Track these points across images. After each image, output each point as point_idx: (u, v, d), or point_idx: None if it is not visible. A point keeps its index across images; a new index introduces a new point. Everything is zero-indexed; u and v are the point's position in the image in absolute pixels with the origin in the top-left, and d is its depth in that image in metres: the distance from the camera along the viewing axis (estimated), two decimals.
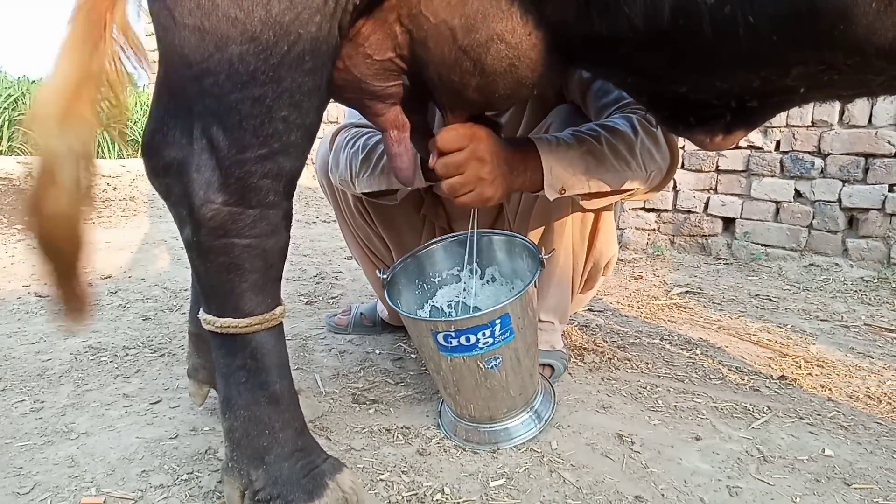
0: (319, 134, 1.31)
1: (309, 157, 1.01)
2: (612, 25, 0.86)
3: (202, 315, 0.99)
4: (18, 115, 7.33)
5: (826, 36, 0.75)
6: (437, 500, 1.13)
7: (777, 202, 3.23)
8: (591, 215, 1.54)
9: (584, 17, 0.88)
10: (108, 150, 7.35)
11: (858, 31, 0.72)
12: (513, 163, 1.23)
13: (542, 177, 1.26)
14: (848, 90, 0.91)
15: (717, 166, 3.40)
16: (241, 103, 0.86)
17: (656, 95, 1.05)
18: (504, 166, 1.22)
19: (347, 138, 1.56)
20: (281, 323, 1.03)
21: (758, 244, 3.30)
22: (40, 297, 2.38)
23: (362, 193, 1.53)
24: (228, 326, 0.96)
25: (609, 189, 1.32)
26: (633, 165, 1.29)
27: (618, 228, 3.69)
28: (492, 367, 1.26)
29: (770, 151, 3.23)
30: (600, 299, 2.54)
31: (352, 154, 1.51)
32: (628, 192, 1.37)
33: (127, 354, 1.82)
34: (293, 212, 1.04)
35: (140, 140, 0.99)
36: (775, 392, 1.64)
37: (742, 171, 3.33)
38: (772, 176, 3.23)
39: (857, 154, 2.98)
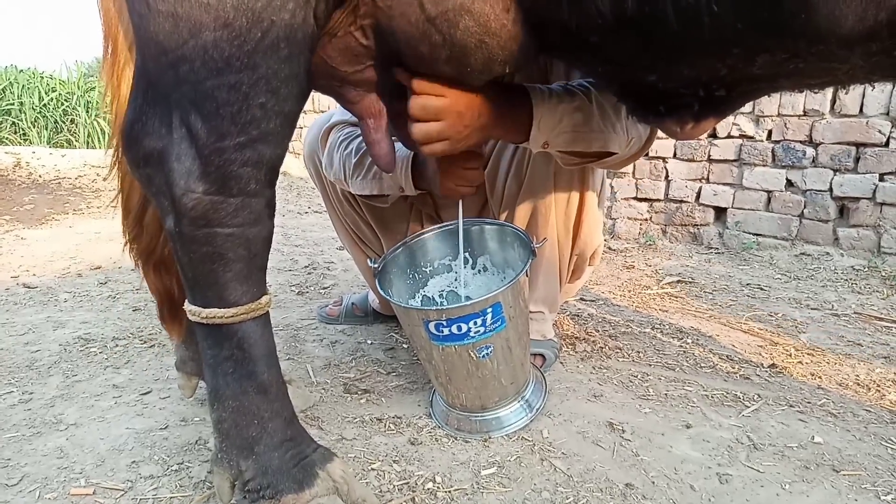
0: (305, 123, 1.29)
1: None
2: (581, 11, 0.86)
3: (187, 306, 0.99)
4: (7, 104, 7.25)
5: (789, 24, 0.76)
6: (428, 489, 1.13)
7: (768, 191, 3.23)
8: (574, 206, 1.53)
9: (552, 2, 0.88)
10: (99, 140, 7.29)
11: (820, 19, 0.73)
12: (495, 114, 1.18)
13: (529, 129, 1.22)
14: (815, 78, 0.91)
15: (709, 156, 3.39)
16: (217, 90, 0.85)
17: (626, 84, 1.05)
18: (485, 118, 1.16)
19: (340, 138, 1.55)
20: (267, 312, 1.02)
21: (749, 233, 3.30)
22: (29, 287, 2.37)
23: (356, 194, 1.53)
24: (214, 317, 0.95)
25: (590, 150, 1.29)
26: (618, 128, 1.27)
27: (609, 218, 3.70)
28: (483, 357, 1.26)
29: (762, 141, 3.23)
30: (591, 289, 2.55)
31: (345, 156, 1.52)
32: (606, 157, 1.33)
33: (117, 345, 1.81)
34: (285, 202, 1.04)
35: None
36: (766, 380, 1.64)
37: (734, 160, 3.32)
38: (763, 165, 3.23)
39: (848, 143, 2.98)
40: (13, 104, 7.24)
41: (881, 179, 2.91)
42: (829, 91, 3.00)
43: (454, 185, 1.40)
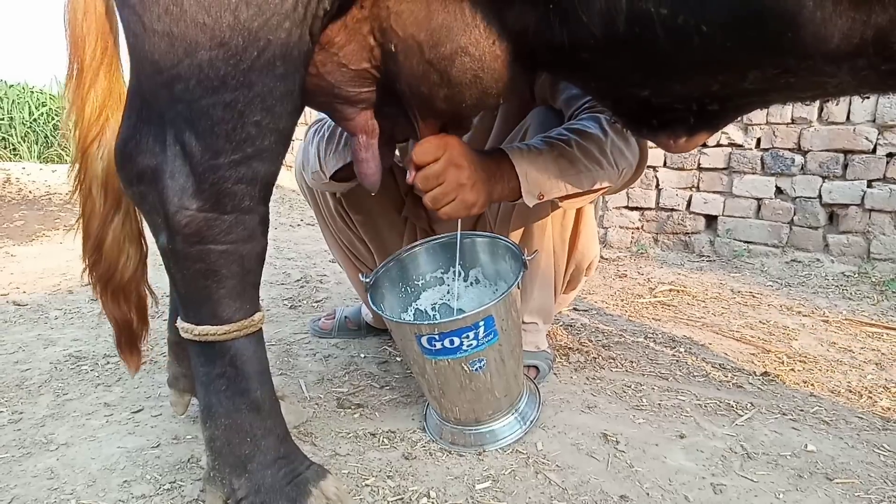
0: (297, 136, 1.29)
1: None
2: (573, 33, 0.88)
3: (180, 323, 0.98)
4: None
5: (776, 42, 0.77)
6: None
7: (758, 199, 3.26)
8: (570, 218, 1.54)
9: (545, 26, 0.90)
10: None
11: (806, 37, 0.74)
12: (489, 170, 1.24)
13: (520, 184, 1.26)
14: (806, 92, 0.94)
15: (699, 164, 3.42)
16: (212, 108, 0.85)
17: (619, 100, 1.07)
18: (482, 172, 1.22)
19: (311, 132, 1.55)
20: (260, 329, 1.02)
21: (740, 241, 3.33)
22: (19, 305, 2.35)
23: (333, 179, 1.46)
24: (207, 334, 0.95)
25: (584, 189, 1.33)
26: (605, 164, 1.31)
27: (601, 227, 3.71)
28: (476, 370, 1.26)
29: (751, 149, 3.26)
30: (585, 298, 2.55)
31: (318, 140, 1.49)
32: (603, 190, 1.38)
33: (108, 363, 1.79)
34: (277, 214, 1.04)
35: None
36: (758, 388, 1.65)
37: (723, 168, 3.35)
38: (753, 173, 3.26)
39: (836, 150, 3.01)
40: (3, 119, 7.21)
41: (869, 186, 2.94)
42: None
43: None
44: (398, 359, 1.84)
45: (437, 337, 1.21)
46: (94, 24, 0.96)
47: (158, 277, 1.23)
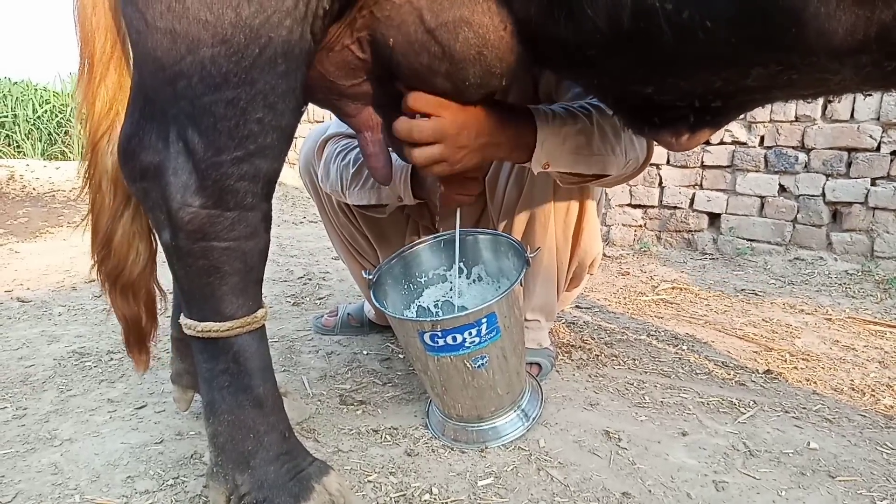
0: (300, 133, 1.30)
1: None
2: (577, 27, 0.87)
3: (183, 320, 0.99)
4: (0, 117, 7.23)
5: (780, 39, 0.77)
6: (425, 501, 1.13)
7: (762, 197, 3.25)
8: (574, 215, 1.54)
9: (549, 18, 0.89)
10: None
11: (810, 34, 0.74)
12: (499, 134, 1.17)
13: (531, 149, 1.21)
14: (808, 89, 0.93)
15: (702, 162, 3.41)
16: (214, 105, 0.86)
17: (622, 97, 1.06)
18: (484, 139, 1.15)
19: (337, 150, 1.56)
20: (263, 326, 1.02)
21: (743, 239, 3.32)
22: (23, 302, 2.36)
23: (353, 205, 1.53)
24: (210, 330, 0.95)
25: (589, 172, 1.31)
26: (617, 151, 1.28)
27: (604, 225, 3.71)
28: (479, 367, 1.26)
29: (754, 146, 3.25)
30: (587, 296, 2.55)
31: (342, 167, 1.52)
32: (604, 178, 1.35)
33: (112, 359, 1.80)
34: (281, 212, 1.04)
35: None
36: (761, 386, 1.65)
37: (727, 166, 3.35)
38: (756, 171, 3.25)
39: (840, 148, 3.00)
40: (7, 116, 7.22)
41: (873, 184, 2.93)
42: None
43: (453, 195, 1.40)
44: (401, 356, 1.84)
45: (439, 334, 1.21)
46: (103, 19, 0.97)
47: (162, 273, 1.24)
